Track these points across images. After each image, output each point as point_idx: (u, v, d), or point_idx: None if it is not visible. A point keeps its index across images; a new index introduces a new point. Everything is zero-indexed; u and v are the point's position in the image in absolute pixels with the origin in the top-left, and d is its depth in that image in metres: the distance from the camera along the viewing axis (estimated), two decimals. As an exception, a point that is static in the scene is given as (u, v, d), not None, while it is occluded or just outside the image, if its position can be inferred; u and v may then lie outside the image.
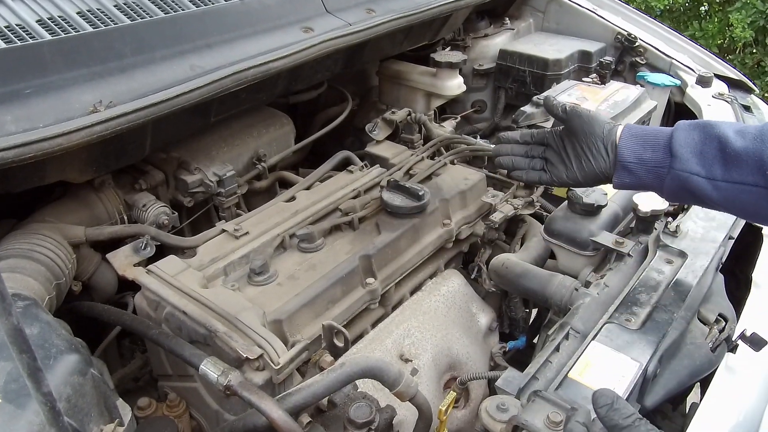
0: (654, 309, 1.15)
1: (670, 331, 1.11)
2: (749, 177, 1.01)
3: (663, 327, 1.11)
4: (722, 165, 1.03)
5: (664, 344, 1.08)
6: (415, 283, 1.50)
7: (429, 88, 2.09)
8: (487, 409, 0.95)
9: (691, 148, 1.06)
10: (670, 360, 1.13)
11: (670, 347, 1.10)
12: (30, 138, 1.04)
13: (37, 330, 0.91)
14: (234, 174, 1.59)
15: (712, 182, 1.04)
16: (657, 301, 1.18)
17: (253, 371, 1.07)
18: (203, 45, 1.41)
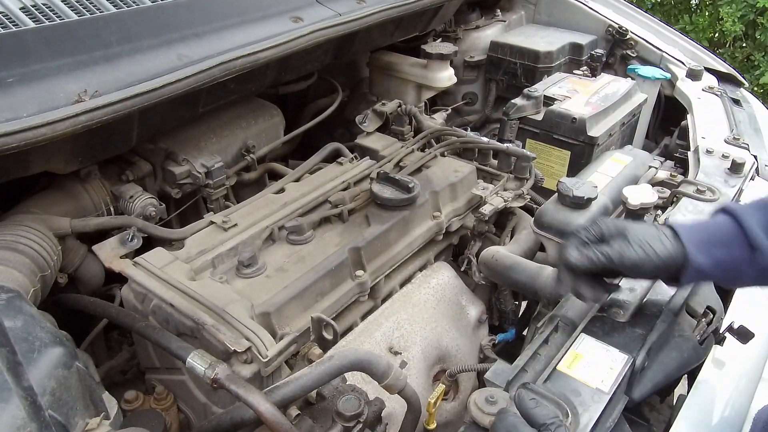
0: (642, 301, 1.16)
1: (659, 324, 1.11)
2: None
3: (651, 320, 1.12)
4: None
5: (652, 337, 1.08)
6: (404, 275, 1.49)
7: (420, 79, 2.08)
8: (476, 401, 0.95)
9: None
10: (658, 352, 1.13)
11: (659, 340, 1.10)
12: (13, 128, 1.02)
13: (20, 323, 0.90)
14: (222, 165, 1.58)
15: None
16: (646, 293, 1.18)
17: (241, 364, 1.06)
18: (191, 34, 1.39)
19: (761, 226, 0.97)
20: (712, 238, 1.01)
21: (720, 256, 1.00)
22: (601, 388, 0.97)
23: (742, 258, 0.99)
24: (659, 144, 2.20)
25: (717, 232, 1.01)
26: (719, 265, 1.00)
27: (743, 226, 0.98)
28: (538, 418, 0.84)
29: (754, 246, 0.97)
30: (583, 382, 0.98)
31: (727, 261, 1.00)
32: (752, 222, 0.98)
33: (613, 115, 1.99)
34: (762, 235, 0.97)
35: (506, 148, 1.67)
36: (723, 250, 1.00)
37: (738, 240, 0.99)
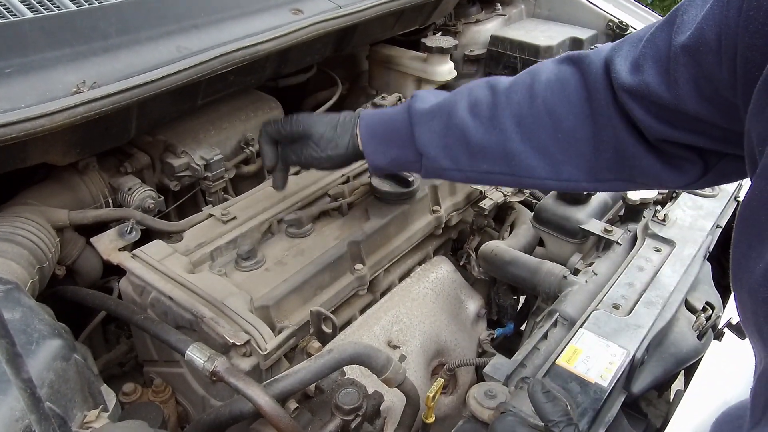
0: (642, 297, 1.16)
1: (658, 319, 1.12)
2: (496, 167, 1.01)
3: (650, 315, 1.12)
4: (468, 157, 1.03)
5: (651, 332, 1.09)
6: (403, 269, 1.49)
7: (419, 73, 2.07)
8: (475, 395, 0.95)
9: (435, 143, 1.05)
10: (657, 347, 1.13)
11: (658, 335, 1.11)
12: (11, 118, 1.01)
13: (19, 315, 0.90)
14: (221, 158, 1.57)
15: (462, 172, 1.05)
16: (645, 289, 1.18)
17: (240, 357, 1.06)
18: (190, 26, 1.38)
19: (432, 136, 1.04)
20: (388, 137, 1.09)
21: (395, 155, 1.09)
22: (600, 383, 0.97)
23: (415, 159, 1.08)
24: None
25: (393, 132, 1.08)
26: (395, 162, 1.11)
27: (414, 133, 1.05)
28: (547, 414, 0.83)
29: (420, 151, 1.06)
30: (582, 376, 0.98)
31: (402, 160, 1.09)
32: (424, 131, 1.05)
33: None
34: (427, 144, 1.04)
35: (506, 142, 1.66)
36: (396, 150, 1.08)
37: (409, 142, 1.06)
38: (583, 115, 0.94)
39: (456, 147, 1.04)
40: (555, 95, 0.96)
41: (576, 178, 0.98)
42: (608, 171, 0.96)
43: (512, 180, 1.04)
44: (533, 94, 0.98)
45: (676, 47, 0.79)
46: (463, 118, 1.02)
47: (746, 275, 0.62)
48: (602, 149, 0.94)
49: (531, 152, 0.98)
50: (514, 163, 0.99)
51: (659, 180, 0.94)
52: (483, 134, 1.00)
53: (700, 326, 1.20)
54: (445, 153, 1.05)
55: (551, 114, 0.96)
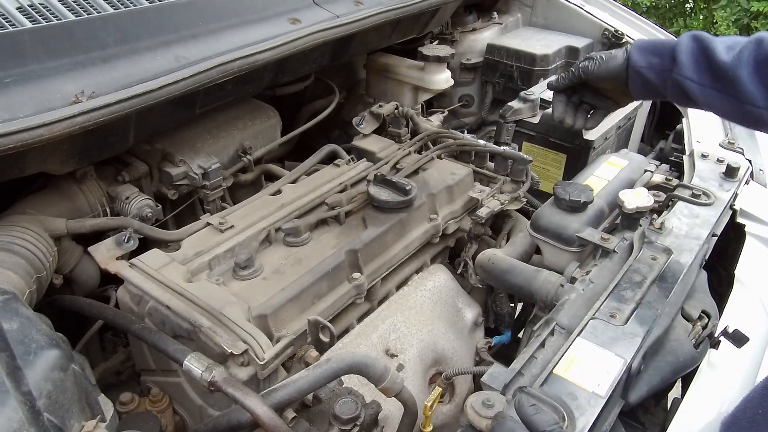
0: (638, 305, 1.16)
1: (654, 328, 1.12)
2: (726, 88, 1.18)
3: (647, 323, 1.12)
4: (710, 74, 1.20)
5: (648, 340, 1.09)
6: (401, 277, 1.49)
7: (416, 81, 2.08)
8: (473, 405, 0.95)
9: (689, 54, 1.23)
10: (653, 356, 1.14)
11: (654, 343, 1.11)
12: (10, 128, 1.02)
13: (17, 325, 0.89)
14: (219, 166, 1.57)
15: (701, 87, 1.22)
16: (641, 297, 1.18)
17: (238, 366, 1.06)
18: (188, 35, 1.39)
19: (690, 50, 1.23)
20: (653, 49, 1.30)
21: (653, 61, 1.29)
22: (598, 392, 0.97)
23: (669, 66, 1.26)
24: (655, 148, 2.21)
25: (659, 45, 1.30)
26: (651, 66, 1.30)
27: (677, 44, 1.25)
28: (537, 425, 0.84)
29: (675, 59, 1.24)
30: (579, 385, 0.98)
31: (657, 65, 1.29)
32: (684, 43, 1.25)
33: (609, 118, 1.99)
34: (684, 53, 1.23)
35: (503, 151, 1.67)
36: (657, 58, 1.29)
37: (669, 53, 1.26)
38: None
39: (704, 63, 1.21)
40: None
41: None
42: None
43: (736, 104, 1.19)
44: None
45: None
46: (715, 44, 1.20)
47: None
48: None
49: (756, 82, 1.15)
50: (739, 88, 1.16)
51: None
52: (725, 57, 1.17)
53: (697, 335, 1.21)
54: (695, 66, 1.22)
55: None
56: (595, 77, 1.39)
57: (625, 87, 1.36)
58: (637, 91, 1.36)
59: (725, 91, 1.18)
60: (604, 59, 1.36)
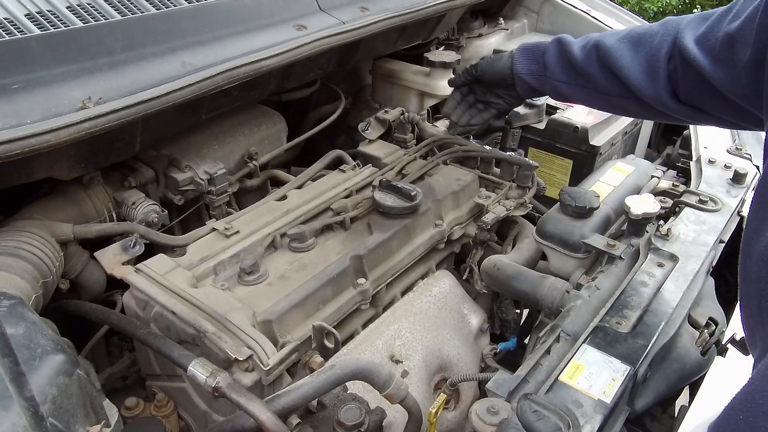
0: (645, 312, 1.15)
1: (661, 335, 1.11)
2: (588, 83, 1.33)
3: (653, 330, 1.11)
4: (573, 73, 1.36)
5: (654, 348, 1.08)
6: (406, 283, 1.49)
7: (422, 87, 2.08)
8: (478, 412, 0.95)
9: (555, 60, 1.38)
10: (660, 363, 1.13)
11: (661, 350, 1.10)
12: (17, 134, 1.02)
13: (22, 330, 0.90)
14: (225, 172, 1.58)
15: (569, 85, 1.38)
16: (648, 304, 1.18)
17: (242, 372, 1.06)
18: (195, 42, 1.39)
19: (555, 54, 1.38)
20: (531, 55, 1.44)
21: (532, 67, 1.43)
22: (603, 399, 0.96)
23: (543, 71, 1.41)
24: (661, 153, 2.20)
25: (535, 51, 1.43)
26: (531, 73, 1.44)
27: (545, 50, 1.40)
28: None
29: (545, 65, 1.40)
30: (584, 393, 0.97)
31: (535, 71, 1.43)
32: (551, 50, 1.39)
33: (616, 124, 1.99)
34: (551, 59, 1.39)
35: (508, 156, 1.67)
36: (534, 64, 1.43)
37: (542, 58, 1.41)
38: (638, 63, 1.23)
39: (565, 64, 1.36)
40: (632, 42, 1.25)
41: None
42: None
43: (597, 95, 1.34)
44: (621, 39, 1.27)
45: (726, 33, 1.02)
46: (572, 45, 1.35)
47: (756, 247, 0.71)
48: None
49: (601, 77, 1.29)
50: (595, 82, 1.32)
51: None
52: (578, 57, 1.33)
53: (704, 342, 1.20)
54: (561, 69, 1.38)
55: (619, 55, 1.25)
56: (485, 76, 1.53)
57: (513, 89, 1.50)
58: (524, 94, 1.51)
59: (587, 85, 1.33)
60: (492, 60, 1.51)
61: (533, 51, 1.44)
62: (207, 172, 1.54)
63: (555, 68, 1.38)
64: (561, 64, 1.37)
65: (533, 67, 1.43)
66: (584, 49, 1.32)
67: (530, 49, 1.45)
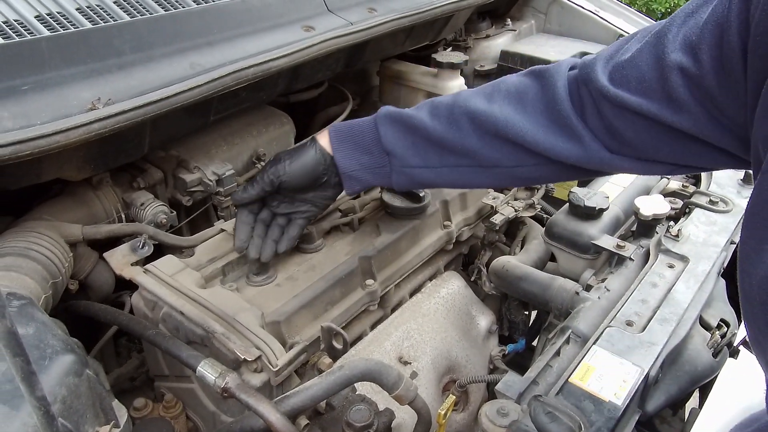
0: (655, 314, 1.15)
1: (672, 337, 1.10)
2: (462, 160, 1.06)
3: (665, 332, 1.10)
4: (435, 153, 1.08)
5: (665, 349, 1.07)
6: (414, 284, 1.49)
7: (430, 88, 2.08)
8: (487, 413, 0.94)
9: (401, 142, 1.10)
10: (671, 365, 1.12)
11: (672, 352, 1.09)
12: (27, 135, 1.03)
13: (32, 330, 0.90)
14: (233, 173, 1.58)
15: (432, 170, 1.10)
16: (658, 305, 1.17)
17: (251, 373, 1.06)
18: (203, 43, 1.40)
19: (398, 137, 1.09)
20: (357, 141, 1.13)
21: (365, 160, 1.13)
22: (614, 401, 0.96)
23: (384, 162, 1.12)
24: (670, 154, 2.19)
25: (361, 135, 1.13)
26: (365, 168, 1.13)
27: (380, 135, 1.10)
28: None
29: (388, 152, 1.10)
30: (595, 395, 0.97)
31: (371, 164, 1.13)
32: (389, 133, 1.09)
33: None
34: (394, 143, 1.09)
35: (517, 157, 1.66)
36: (366, 155, 1.12)
37: (377, 144, 1.11)
38: (537, 124, 0.99)
39: (421, 144, 1.08)
40: (512, 103, 1.02)
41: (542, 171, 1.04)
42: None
43: (482, 171, 1.07)
44: (491, 99, 1.04)
45: (670, 64, 0.83)
46: (422, 119, 1.08)
47: (758, 267, 0.64)
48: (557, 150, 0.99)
49: (488, 148, 1.03)
50: (478, 157, 1.05)
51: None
52: (443, 131, 1.05)
53: (715, 344, 1.19)
54: (413, 151, 1.09)
55: (506, 120, 1.01)
56: (291, 179, 1.16)
57: (329, 189, 1.20)
58: (352, 192, 1.23)
59: (462, 163, 1.07)
60: (293, 157, 1.17)
61: (356, 138, 1.13)
62: (215, 173, 1.54)
63: (403, 152, 1.10)
64: (410, 144, 1.09)
65: (365, 160, 1.13)
66: (440, 119, 1.06)
67: (349, 137, 1.14)
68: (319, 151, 1.16)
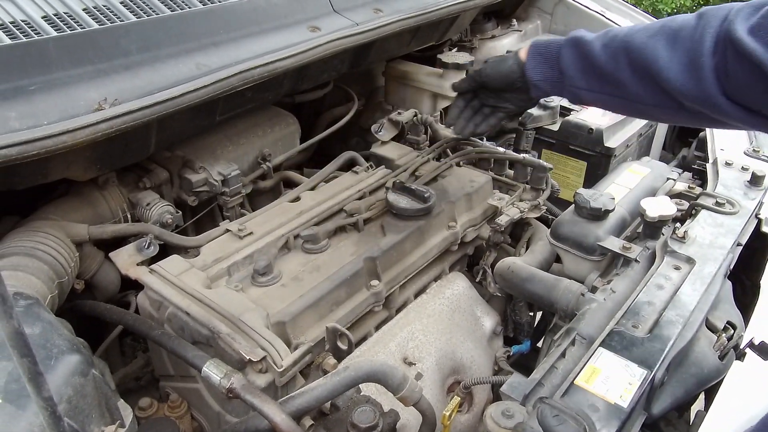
0: (661, 316, 1.14)
1: (678, 339, 1.10)
2: (615, 90, 1.19)
3: (671, 334, 1.10)
4: (597, 80, 1.21)
5: (671, 351, 1.07)
6: (419, 285, 1.49)
7: (435, 89, 2.07)
8: (492, 415, 0.94)
9: (573, 65, 1.24)
10: (677, 367, 1.12)
11: (678, 355, 1.09)
12: (34, 135, 1.03)
13: (38, 330, 0.91)
14: (239, 173, 1.58)
15: (593, 93, 1.24)
16: (664, 307, 1.16)
17: (256, 373, 1.06)
18: (209, 43, 1.40)
19: (572, 59, 1.23)
20: (544, 60, 1.30)
21: (547, 73, 1.29)
22: (620, 404, 0.95)
23: (560, 77, 1.27)
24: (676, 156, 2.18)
25: (548, 55, 1.29)
26: (547, 80, 1.30)
27: (560, 54, 1.26)
28: None
29: (562, 71, 1.26)
30: (601, 397, 0.96)
31: (550, 78, 1.29)
32: (566, 54, 1.25)
33: (630, 126, 1.98)
34: (568, 64, 1.24)
35: (522, 158, 1.66)
36: (549, 69, 1.29)
37: (556, 62, 1.27)
38: (677, 61, 1.06)
39: (589, 70, 1.22)
40: (667, 39, 1.09)
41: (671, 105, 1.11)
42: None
43: (628, 104, 1.20)
44: (653, 34, 1.11)
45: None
46: (594, 48, 1.20)
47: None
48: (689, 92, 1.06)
49: (636, 84, 1.14)
50: (626, 91, 1.16)
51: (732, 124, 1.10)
52: (605, 62, 1.18)
53: (722, 346, 1.18)
54: (581, 74, 1.23)
55: (654, 55, 1.09)
56: (492, 82, 1.41)
57: (523, 93, 1.39)
58: (537, 98, 1.41)
59: (615, 93, 1.20)
60: (497, 63, 1.40)
61: (545, 54, 1.29)
62: (221, 174, 1.55)
63: (574, 74, 1.24)
64: (581, 68, 1.23)
65: (548, 73, 1.29)
66: (607, 50, 1.17)
67: (542, 51, 1.30)
68: (515, 61, 1.36)
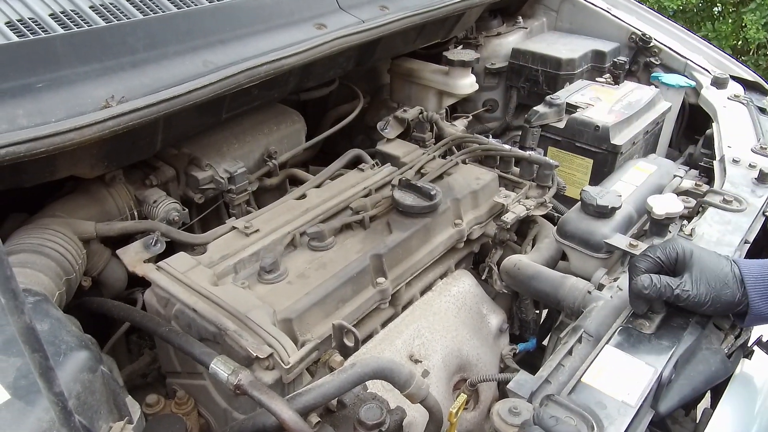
0: (669, 313, 1.14)
1: (685, 336, 1.09)
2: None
3: (678, 332, 1.10)
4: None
5: (679, 349, 1.07)
6: (425, 283, 1.49)
7: (441, 86, 2.07)
8: (499, 412, 0.94)
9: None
10: (684, 365, 1.11)
11: (685, 352, 1.08)
12: (42, 132, 1.03)
13: (47, 326, 0.91)
14: (245, 171, 1.58)
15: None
16: (672, 305, 1.16)
17: (263, 370, 1.06)
18: (216, 41, 1.40)
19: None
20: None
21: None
22: (627, 401, 0.95)
23: None
24: (683, 153, 2.17)
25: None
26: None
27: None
28: None
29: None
30: (608, 394, 0.96)
31: None
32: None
33: (637, 123, 1.97)
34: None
35: (528, 155, 1.66)
36: None
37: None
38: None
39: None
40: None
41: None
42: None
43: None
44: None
45: None
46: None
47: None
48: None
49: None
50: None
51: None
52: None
53: (729, 344, 1.18)
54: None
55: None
56: (707, 309, 1.10)
57: (739, 319, 1.15)
58: (747, 327, 1.17)
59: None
60: (710, 294, 1.07)
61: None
62: (227, 171, 1.55)
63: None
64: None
65: None
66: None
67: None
68: (739, 287, 1.09)
